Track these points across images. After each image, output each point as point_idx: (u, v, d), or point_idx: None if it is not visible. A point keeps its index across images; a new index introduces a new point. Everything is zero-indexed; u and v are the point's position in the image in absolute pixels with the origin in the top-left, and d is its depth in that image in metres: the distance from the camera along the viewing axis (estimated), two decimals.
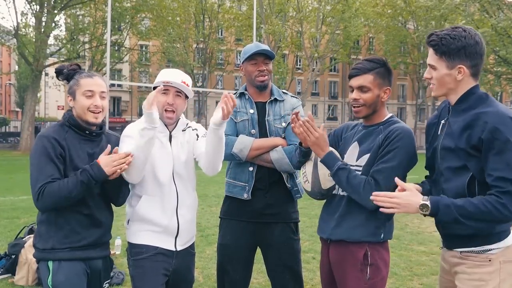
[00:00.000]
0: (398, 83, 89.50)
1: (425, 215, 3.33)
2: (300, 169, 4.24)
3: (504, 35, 45.31)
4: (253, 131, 4.83)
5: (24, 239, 8.08)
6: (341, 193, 3.98)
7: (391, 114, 4.07)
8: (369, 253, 3.82)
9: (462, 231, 3.28)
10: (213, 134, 3.98)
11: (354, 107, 3.95)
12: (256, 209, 4.79)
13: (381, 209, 3.41)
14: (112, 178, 3.83)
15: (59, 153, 3.80)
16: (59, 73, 4.11)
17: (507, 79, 52.95)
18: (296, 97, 5.11)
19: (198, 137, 4.37)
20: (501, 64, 49.44)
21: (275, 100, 4.93)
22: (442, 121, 3.52)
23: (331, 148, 3.88)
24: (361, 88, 3.88)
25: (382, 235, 3.87)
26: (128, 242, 4.26)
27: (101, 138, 4.10)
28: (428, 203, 3.25)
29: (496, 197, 3.11)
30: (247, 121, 4.85)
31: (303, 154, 4.08)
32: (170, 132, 4.27)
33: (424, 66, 65.33)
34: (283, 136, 4.83)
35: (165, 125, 4.24)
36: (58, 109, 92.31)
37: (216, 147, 4.06)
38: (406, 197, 3.33)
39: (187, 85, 4.19)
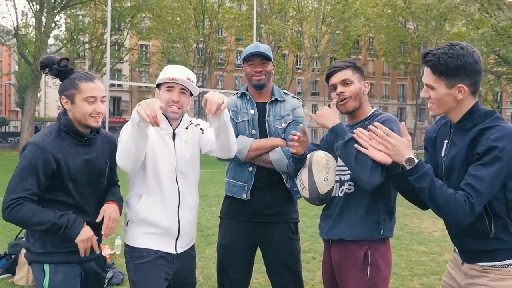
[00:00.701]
0: (398, 83, 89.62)
1: (401, 169, 3.32)
2: (297, 177, 4.22)
3: (504, 35, 45.37)
4: (253, 131, 4.82)
5: (24, 239, 8.08)
6: (340, 194, 3.99)
7: (375, 109, 4.11)
8: (369, 252, 3.82)
9: (484, 246, 3.25)
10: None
11: (341, 101, 3.98)
12: (256, 209, 4.78)
13: (358, 147, 3.50)
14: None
15: (50, 170, 3.73)
16: (45, 66, 3.93)
17: (507, 79, 52.98)
18: (297, 98, 5.09)
19: (203, 131, 4.33)
20: (501, 64, 49.49)
21: (276, 100, 4.92)
22: (446, 140, 3.44)
23: None
24: (344, 82, 3.98)
25: (382, 231, 3.86)
26: (127, 245, 4.18)
27: (96, 141, 4.05)
28: (416, 161, 3.23)
29: (464, 200, 3.08)
30: (247, 122, 4.85)
31: (297, 161, 4.08)
32: (174, 130, 4.18)
33: None
34: (282, 137, 4.82)
35: (169, 123, 4.16)
36: (58, 109, 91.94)
37: (218, 132, 3.98)
38: (402, 143, 3.32)
39: (192, 82, 4.12)
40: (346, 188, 3.95)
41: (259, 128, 4.84)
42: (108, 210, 3.97)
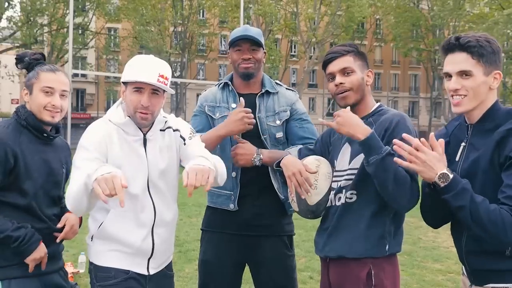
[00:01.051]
0: (409, 73, 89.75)
1: (433, 186, 3.32)
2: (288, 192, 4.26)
3: None
4: None
5: None
6: (337, 203, 3.96)
7: (379, 103, 4.09)
8: (372, 272, 3.78)
9: (498, 265, 3.29)
10: None
11: (340, 93, 3.95)
12: (243, 219, 4.74)
13: (395, 159, 3.37)
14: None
15: (8, 166, 3.80)
16: (19, 60, 4.12)
17: None
18: (292, 90, 5.06)
19: (184, 141, 4.10)
20: None
21: (267, 92, 4.86)
22: (463, 144, 3.50)
23: None
24: (344, 71, 3.94)
25: (388, 247, 3.83)
26: (92, 263, 4.06)
27: (55, 142, 4.16)
28: (451, 176, 3.20)
29: (510, 216, 3.10)
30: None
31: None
32: (145, 135, 3.97)
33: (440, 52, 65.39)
34: (277, 136, 4.78)
35: (138, 128, 3.94)
36: (12, 103, 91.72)
37: None
38: (434, 158, 3.26)
39: (166, 78, 3.85)
40: (346, 198, 3.90)
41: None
42: (71, 218, 4.09)
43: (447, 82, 3.50)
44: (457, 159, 3.49)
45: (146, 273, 4.03)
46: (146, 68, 3.84)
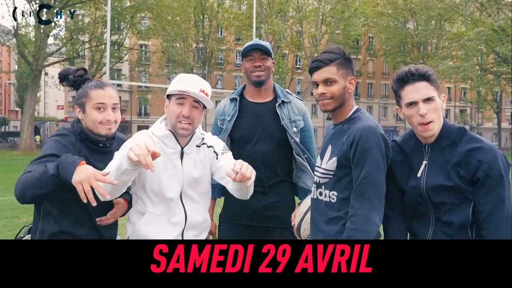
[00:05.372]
0: None
1: None
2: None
3: (503, 33, 45.55)
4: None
5: (24, 238, 8.05)
6: (323, 199, 3.78)
7: (356, 107, 3.79)
8: None
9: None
10: None
11: (321, 101, 3.72)
12: (255, 211, 4.66)
13: None
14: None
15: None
16: (63, 78, 3.84)
17: (506, 79, 53.12)
18: (301, 99, 4.95)
19: (217, 155, 3.88)
20: (500, 64, 49.64)
21: (282, 102, 4.73)
22: (424, 161, 3.46)
23: None
24: (326, 81, 3.65)
25: None
26: None
27: (113, 148, 3.80)
28: None
29: None
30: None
31: None
32: (182, 148, 3.76)
33: (424, 64, 65.47)
34: (294, 140, 4.67)
35: (177, 141, 3.74)
36: (57, 108, 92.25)
37: (239, 189, 3.71)
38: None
39: (206, 94, 3.64)
40: (330, 197, 3.70)
41: (259, 129, 4.70)
42: (119, 205, 3.85)
43: (410, 110, 3.41)
44: (418, 175, 3.46)
45: None
46: (189, 81, 3.67)
